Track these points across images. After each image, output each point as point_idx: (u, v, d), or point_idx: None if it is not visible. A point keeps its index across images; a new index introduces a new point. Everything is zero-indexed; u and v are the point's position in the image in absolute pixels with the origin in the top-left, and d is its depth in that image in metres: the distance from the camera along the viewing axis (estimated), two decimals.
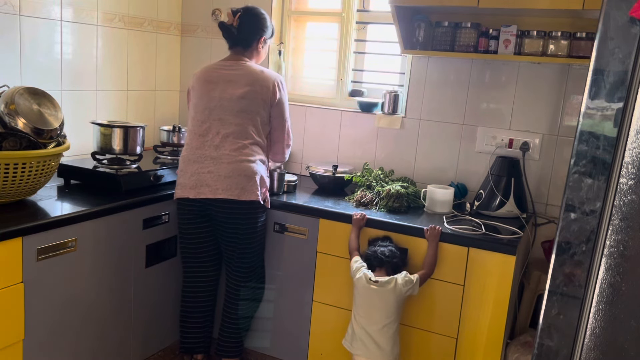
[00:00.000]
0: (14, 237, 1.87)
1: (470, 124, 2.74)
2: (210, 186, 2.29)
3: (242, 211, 2.32)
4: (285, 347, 2.65)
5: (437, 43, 2.61)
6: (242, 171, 2.28)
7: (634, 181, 1.37)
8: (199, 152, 2.32)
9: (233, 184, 2.27)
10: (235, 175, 2.28)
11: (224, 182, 2.27)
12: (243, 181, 2.28)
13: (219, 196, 2.28)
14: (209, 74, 2.38)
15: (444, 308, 2.29)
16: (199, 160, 2.32)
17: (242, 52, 2.43)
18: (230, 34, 2.40)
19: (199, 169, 2.31)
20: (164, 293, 2.61)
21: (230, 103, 2.31)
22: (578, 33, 2.37)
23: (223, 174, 2.28)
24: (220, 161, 2.29)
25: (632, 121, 1.36)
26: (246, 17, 2.38)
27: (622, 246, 1.40)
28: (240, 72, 2.35)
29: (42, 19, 2.51)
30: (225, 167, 2.28)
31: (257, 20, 2.41)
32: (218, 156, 2.29)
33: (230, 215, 2.33)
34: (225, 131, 2.30)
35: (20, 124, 2.06)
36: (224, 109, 2.31)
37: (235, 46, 2.43)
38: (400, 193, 2.53)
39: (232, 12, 2.39)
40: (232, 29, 2.38)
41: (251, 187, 2.29)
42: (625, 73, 1.35)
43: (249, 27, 2.39)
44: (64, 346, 2.14)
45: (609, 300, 1.44)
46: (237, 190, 2.28)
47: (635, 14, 1.32)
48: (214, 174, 2.29)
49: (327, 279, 2.49)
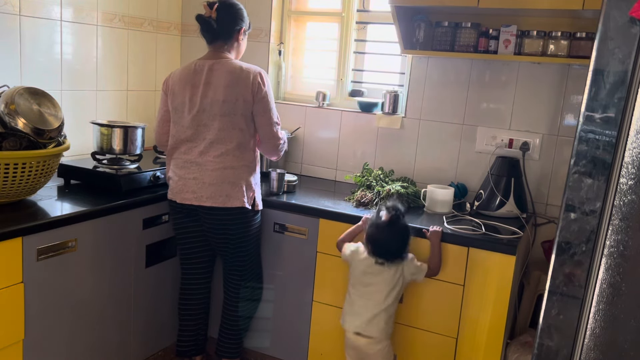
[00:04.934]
0: (14, 237, 1.87)
1: (470, 124, 2.74)
2: (195, 193, 2.26)
3: (230, 217, 2.30)
4: (285, 347, 2.65)
5: (437, 43, 2.61)
6: (226, 178, 2.25)
7: (634, 181, 1.37)
8: (185, 157, 2.29)
9: (217, 192, 2.24)
10: (219, 183, 2.24)
11: (208, 190, 2.24)
12: (227, 188, 2.25)
13: (204, 204, 2.26)
14: (188, 76, 2.29)
15: (444, 308, 2.29)
16: (185, 166, 2.29)
17: (222, 46, 2.33)
18: (209, 27, 2.29)
19: (185, 174, 2.29)
20: (163, 293, 2.61)
21: (212, 107, 2.24)
22: (578, 33, 2.37)
23: (207, 181, 2.25)
24: (205, 168, 2.25)
25: (632, 121, 1.36)
26: (224, 8, 2.30)
27: (622, 246, 1.40)
28: (219, 72, 2.25)
29: (42, 19, 2.51)
30: (209, 174, 2.25)
31: (235, 11, 2.33)
32: (202, 162, 2.26)
33: (219, 222, 2.31)
34: (210, 137, 2.24)
35: (20, 124, 2.06)
36: (206, 114, 2.24)
37: (215, 40, 2.32)
38: (400, 193, 2.53)
39: (209, 5, 2.29)
40: (210, 21, 2.28)
41: (236, 194, 2.26)
42: (625, 73, 1.35)
43: (228, 18, 2.30)
44: (64, 346, 2.14)
45: (609, 300, 1.44)
46: (222, 197, 2.25)
47: (635, 14, 1.32)
48: (198, 180, 2.26)
49: (327, 279, 2.49)
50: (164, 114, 2.38)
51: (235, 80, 2.23)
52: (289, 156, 3.14)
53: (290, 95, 3.25)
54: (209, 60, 2.30)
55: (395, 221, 2.14)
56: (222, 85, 2.23)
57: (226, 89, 2.23)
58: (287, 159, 3.13)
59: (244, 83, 2.23)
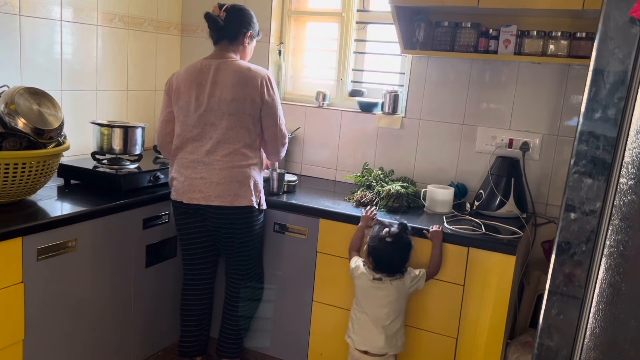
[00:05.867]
0: (14, 237, 1.87)
1: (470, 124, 2.74)
2: (202, 192, 2.26)
3: (237, 216, 2.30)
4: (285, 347, 2.65)
5: (437, 43, 2.61)
6: (234, 177, 2.25)
7: (634, 181, 1.37)
8: (192, 157, 2.29)
9: (225, 191, 2.25)
10: (227, 182, 2.25)
11: (216, 189, 2.25)
12: (235, 187, 2.25)
13: (212, 203, 2.26)
14: (194, 75, 2.29)
15: (444, 308, 2.29)
16: (192, 166, 2.29)
17: (228, 46, 2.34)
18: (216, 25, 2.31)
19: (191, 174, 2.28)
20: (164, 293, 2.61)
21: (220, 106, 2.24)
22: (578, 33, 2.37)
23: (215, 180, 2.25)
24: (212, 167, 2.25)
25: (632, 121, 1.36)
26: (233, 10, 2.33)
27: (622, 246, 1.40)
28: (226, 72, 2.25)
29: (42, 19, 2.51)
30: (217, 173, 2.25)
31: (244, 14, 2.36)
32: (210, 162, 2.26)
33: (226, 222, 2.31)
34: (217, 136, 2.25)
35: (20, 124, 2.06)
36: (213, 113, 2.25)
37: (222, 40, 2.34)
38: (400, 193, 2.53)
39: (219, 6, 2.33)
40: (218, 19, 2.30)
41: (245, 193, 2.27)
42: (625, 73, 1.35)
43: (236, 20, 2.33)
44: (64, 346, 2.14)
45: (609, 300, 1.44)
46: (230, 197, 2.25)
47: (635, 14, 1.32)
48: (205, 180, 2.26)
49: (327, 279, 2.49)
50: (167, 115, 2.37)
51: (244, 80, 2.25)
52: (289, 156, 3.14)
53: (290, 95, 3.25)
54: (215, 60, 2.30)
55: (400, 239, 2.15)
56: (229, 84, 2.24)
57: (234, 88, 2.24)
58: (287, 159, 3.13)
59: (252, 84, 2.24)
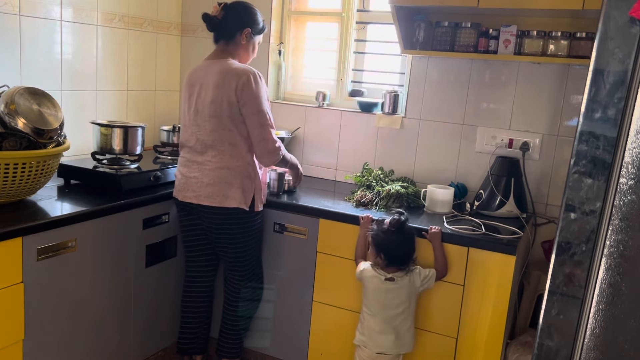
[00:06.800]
0: (14, 237, 1.87)
1: (470, 124, 2.74)
2: (195, 192, 2.28)
3: (229, 217, 2.30)
4: (285, 347, 2.65)
5: (437, 43, 2.61)
6: (223, 178, 2.25)
7: (634, 181, 1.37)
8: (188, 156, 2.33)
9: (214, 192, 2.25)
10: (216, 183, 2.25)
11: (206, 189, 2.26)
12: (224, 188, 2.25)
13: (202, 203, 2.27)
14: (192, 76, 2.31)
15: (444, 308, 2.29)
16: (187, 165, 2.32)
17: (225, 46, 2.32)
18: (212, 24, 2.29)
19: (187, 172, 2.32)
20: (163, 293, 2.61)
21: (203, 108, 2.24)
22: (578, 33, 2.37)
23: (205, 180, 2.26)
24: (204, 167, 2.27)
25: (632, 121, 1.36)
26: (231, 8, 2.30)
27: (622, 246, 1.40)
28: (212, 73, 2.23)
29: (42, 19, 2.51)
30: (207, 173, 2.26)
31: (242, 11, 2.31)
32: (202, 162, 2.28)
33: (217, 222, 2.32)
34: (203, 138, 2.26)
35: (20, 124, 2.06)
36: (199, 115, 2.25)
37: (219, 40, 2.33)
38: (400, 193, 2.53)
39: (219, 4, 2.30)
40: (214, 19, 2.28)
41: (233, 194, 2.26)
42: (625, 73, 1.35)
43: (232, 18, 2.29)
44: (64, 346, 2.14)
45: (609, 300, 1.44)
46: (219, 197, 2.25)
47: (635, 14, 1.32)
48: (198, 179, 2.28)
49: (327, 279, 2.49)
50: None
51: (222, 80, 2.21)
52: None
53: (290, 95, 3.25)
54: (209, 60, 2.31)
55: (402, 226, 2.16)
56: (211, 85, 2.23)
57: (214, 90, 2.22)
58: None
59: (229, 84, 2.20)
